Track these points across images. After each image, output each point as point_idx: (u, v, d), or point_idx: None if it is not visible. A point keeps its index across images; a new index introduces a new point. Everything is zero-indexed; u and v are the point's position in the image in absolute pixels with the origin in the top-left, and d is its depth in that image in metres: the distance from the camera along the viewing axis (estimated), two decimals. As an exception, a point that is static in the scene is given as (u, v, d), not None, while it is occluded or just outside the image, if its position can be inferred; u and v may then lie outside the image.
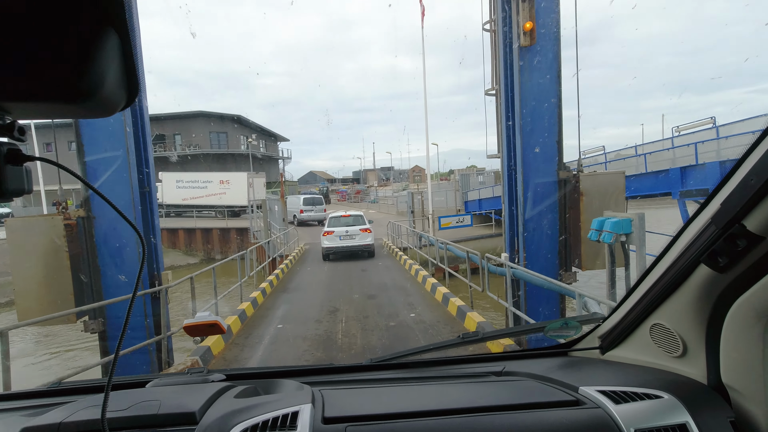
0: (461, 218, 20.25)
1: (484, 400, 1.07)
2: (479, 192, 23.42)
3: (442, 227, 19.69)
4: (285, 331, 6.99)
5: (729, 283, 0.89)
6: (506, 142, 6.31)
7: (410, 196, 21.89)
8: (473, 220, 20.30)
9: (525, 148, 5.83)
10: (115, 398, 1.03)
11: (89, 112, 0.53)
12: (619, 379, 1.13)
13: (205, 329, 1.42)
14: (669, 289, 1.03)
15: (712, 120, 14.36)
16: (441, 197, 25.81)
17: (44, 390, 1.37)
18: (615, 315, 1.29)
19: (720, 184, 0.85)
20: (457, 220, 20.13)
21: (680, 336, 1.06)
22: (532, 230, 6.18)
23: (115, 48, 0.49)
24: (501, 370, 1.37)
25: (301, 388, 1.15)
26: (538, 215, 6.08)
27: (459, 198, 25.39)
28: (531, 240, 6.21)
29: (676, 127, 16.58)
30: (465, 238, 19.07)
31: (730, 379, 0.96)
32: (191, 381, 1.27)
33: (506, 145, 6.32)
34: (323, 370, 1.47)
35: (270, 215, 20.64)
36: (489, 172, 26.30)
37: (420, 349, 1.51)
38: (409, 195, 22.10)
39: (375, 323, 7.15)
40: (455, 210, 25.33)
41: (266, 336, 6.77)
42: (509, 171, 6.34)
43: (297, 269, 13.50)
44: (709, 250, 0.87)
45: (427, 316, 7.42)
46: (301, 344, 6.28)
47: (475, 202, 23.68)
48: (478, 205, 23.12)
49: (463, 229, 20.33)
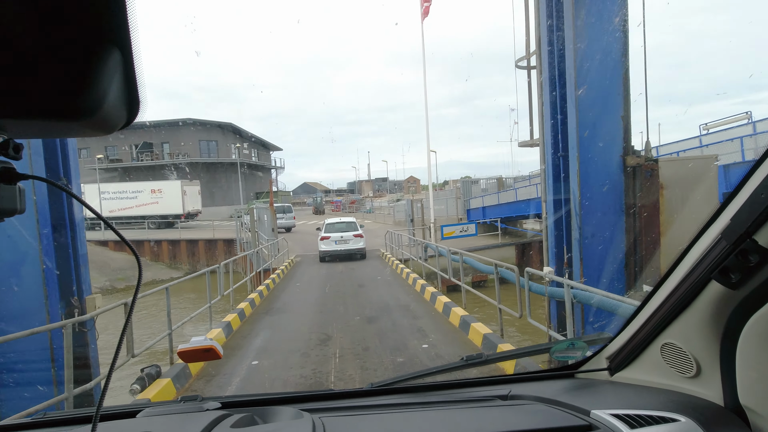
0: (465, 227, 18.76)
1: (492, 426, 1.03)
2: (483, 199, 21.94)
3: (444, 237, 18.22)
4: (260, 371, 5.36)
5: (742, 300, 0.85)
6: (550, 122, 4.80)
7: (410, 204, 20.36)
8: (477, 229, 18.83)
9: (581, 127, 4.30)
10: (103, 430, 0.96)
11: (88, 131, 0.51)
12: (632, 402, 1.08)
13: (200, 355, 1.34)
14: (679, 306, 0.99)
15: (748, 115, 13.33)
16: (441, 205, 24.32)
17: (28, 422, 1.30)
18: (623, 334, 1.24)
19: (728, 198, 0.83)
20: (460, 229, 18.65)
21: (693, 355, 1.01)
22: (590, 236, 4.65)
23: (116, 66, 0.47)
24: (507, 393, 1.32)
25: (300, 416, 1.11)
26: (600, 215, 4.56)
27: (460, 206, 23.89)
28: (589, 249, 4.66)
29: (704, 125, 15.42)
30: (469, 248, 17.56)
31: (748, 401, 0.91)
32: (185, 410, 1.21)
33: (550, 126, 4.81)
34: (323, 396, 1.42)
35: (259, 226, 19.05)
36: (492, 179, 24.88)
37: (423, 373, 1.49)
38: (408, 203, 20.57)
39: (378, 358, 5.54)
40: (456, 219, 23.81)
41: (235, 378, 5.13)
42: (555, 160, 4.82)
43: (285, 285, 11.84)
44: (720, 267, 0.84)
45: (445, 347, 5.82)
46: (279, 390, 4.66)
47: (479, 210, 22.19)
48: (481, 213, 21.63)
49: (467, 239, 18.89)
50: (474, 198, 23.07)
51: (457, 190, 24.48)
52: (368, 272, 13.24)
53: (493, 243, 19.12)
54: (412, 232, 19.24)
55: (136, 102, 0.52)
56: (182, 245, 26.01)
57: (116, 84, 0.48)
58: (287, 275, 13.63)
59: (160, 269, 25.31)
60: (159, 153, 41.63)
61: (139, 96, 0.52)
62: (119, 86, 0.48)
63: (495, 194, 20.95)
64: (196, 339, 1.37)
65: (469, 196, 23.59)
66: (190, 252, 25.98)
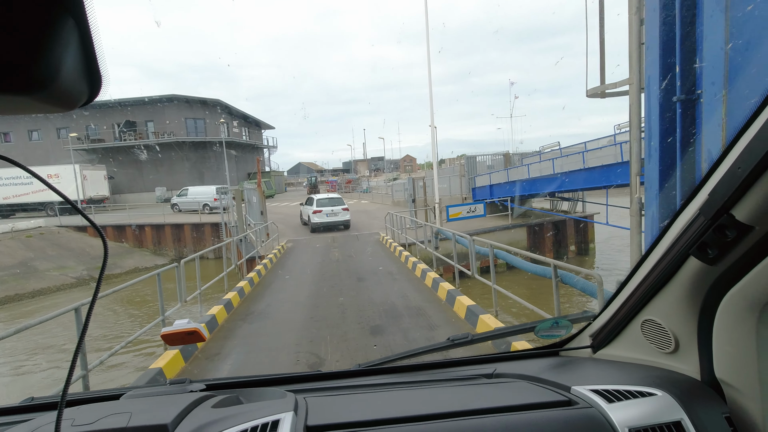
0: (472, 207, 17.12)
1: (475, 402, 1.03)
2: (490, 177, 20.19)
3: (450, 218, 16.59)
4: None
5: (719, 275, 0.87)
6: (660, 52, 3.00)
7: (411, 183, 18.62)
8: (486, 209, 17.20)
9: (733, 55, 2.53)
10: (84, 412, 0.97)
11: (45, 106, 0.47)
12: (611, 378, 1.10)
13: (183, 337, 1.32)
14: (659, 283, 1.01)
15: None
16: (443, 184, 22.54)
17: (15, 406, 1.29)
18: (605, 312, 1.26)
19: (707, 174, 0.83)
20: (467, 209, 17.01)
21: (672, 331, 1.04)
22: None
23: (72, 36, 0.45)
24: (492, 372, 1.34)
25: (283, 396, 1.09)
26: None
27: (465, 184, 22.15)
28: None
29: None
30: (476, 231, 15.95)
31: (723, 374, 0.94)
32: (169, 392, 1.20)
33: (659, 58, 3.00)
34: (310, 377, 1.41)
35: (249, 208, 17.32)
36: (498, 155, 23.06)
37: (409, 353, 1.51)
38: (409, 181, 18.82)
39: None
40: (460, 198, 22.11)
41: None
42: (666, 106, 3.00)
43: (271, 279, 10.18)
44: (698, 242, 0.85)
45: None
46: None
47: (485, 188, 20.48)
48: (489, 191, 19.93)
49: (472, 221, 17.27)
50: (480, 176, 21.30)
51: (461, 167, 22.66)
52: (368, 261, 11.59)
53: (502, 224, 17.49)
54: (414, 213, 17.60)
55: (97, 76, 0.49)
56: (167, 230, 24.34)
57: (72, 56, 0.45)
58: (276, 264, 11.98)
59: (143, 256, 23.65)
60: (143, 132, 39.35)
61: (100, 70, 0.49)
62: (76, 58, 0.46)
63: (504, 171, 19.19)
64: (179, 322, 1.33)
65: (474, 174, 21.82)
66: (175, 237, 24.34)
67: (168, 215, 25.55)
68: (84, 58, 0.47)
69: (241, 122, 47.36)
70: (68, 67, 0.45)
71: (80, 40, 0.46)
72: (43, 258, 20.44)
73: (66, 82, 0.45)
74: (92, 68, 0.48)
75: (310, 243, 15.65)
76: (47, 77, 0.43)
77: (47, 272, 19.37)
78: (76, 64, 0.46)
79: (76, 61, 0.46)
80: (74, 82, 0.47)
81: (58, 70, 0.44)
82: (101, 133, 39.11)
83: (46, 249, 21.34)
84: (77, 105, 0.50)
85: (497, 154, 23.13)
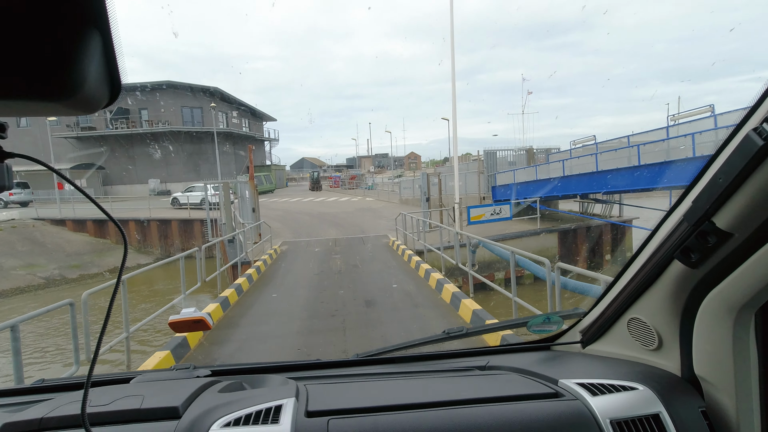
0: (497, 209, 14.84)
1: (467, 393, 1.07)
2: (514, 174, 17.85)
3: (471, 221, 14.31)
4: None
5: (701, 278, 0.92)
6: None
7: (425, 179, 16.32)
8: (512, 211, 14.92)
9: None
10: (98, 394, 1.01)
11: (70, 110, 0.52)
12: (597, 372, 1.15)
13: (190, 325, 1.34)
14: (645, 284, 1.05)
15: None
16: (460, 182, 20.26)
17: (27, 387, 1.34)
18: (595, 310, 1.31)
19: (693, 182, 0.87)
20: (491, 211, 14.74)
21: (656, 329, 1.08)
22: None
23: (97, 47, 0.48)
24: (485, 364, 1.38)
25: (285, 383, 1.14)
26: None
27: (483, 182, 19.81)
28: None
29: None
30: (500, 235, 13.69)
31: (702, 371, 0.99)
32: (176, 377, 1.25)
33: None
34: (310, 365, 1.45)
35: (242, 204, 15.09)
36: (520, 151, 20.71)
37: (405, 345, 1.52)
38: (423, 177, 16.53)
39: None
40: (478, 198, 19.79)
41: None
42: None
43: (256, 295, 7.92)
44: (681, 246, 0.90)
45: None
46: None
47: (507, 187, 18.16)
48: (511, 191, 17.60)
49: (495, 224, 15.01)
50: (502, 173, 18.95)
51: (479, 163, 20.30)
52: (377, 274, 9.32)
53: (530, 229, 15.19)
54: (429, 215, 15.32)
55: (117, 82, 0.52)
56: (153, 226, 22.17)
57: (96, 65, 0.48)
58: (264, 275, 9.72)
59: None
60: (136, 120, 37.12)
61: (119, 76, 0.52)
62: (100, 67, 0.49)
63: (532, 168, 16.86)
64: (186, 311, 1.35)
65: (494, 171, 19.48)
66: (161, 234, 22.21)
67: (155, 209, 23.35)
68: (107, 67, 0.50)
69: (240, 112, 45.07)
70: (93, 75, 0.48)
71: (104, 51, 0.49)
72: (11, 254, 18.26)
73: (90, 89, 0.48)
74: (113, 75, 0.51)
75: (308, 246, 13.40)
76: (75, 85, 0.46)
77: (11, 271, 17.18)
78: (100, 72, 0.49)
79: (100, 70, 0.49)
80: (97, 88, 0.50)
81: (85, 79, 0.47)
82: (93, 121, 36.91)
83: (16, 244, 19.15)
84: (98, 108, 0.53)
85: (520, 149, 20.77)
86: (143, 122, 37.16)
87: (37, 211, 23.28)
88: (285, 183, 52.97)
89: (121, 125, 36.09)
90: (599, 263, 15.72)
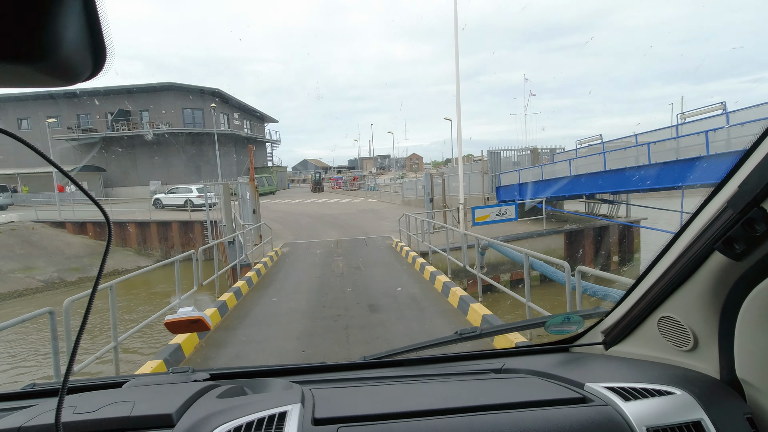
0: (502, 210, 14.55)
1: (485, 398, 0.99)
2: (519, 174, 17.55)
3: (476, 222, 14.02)
4: None
5: (745, 272, 0.84)
6: None
7: (428, 180, 16.05)
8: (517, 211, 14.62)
9: None
10: (86, 399, 0.95)
11: (48, 78, 0.45)
12: (626, 375, 1.06)
13: (188, 326, 1.27)
14: (679, 279, 0.97)
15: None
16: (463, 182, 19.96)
17: (16, 392, 1.25)
18: (619, 308, 1.22)
19: (736, 165, 0.79)
20: (497, 212, 14.46)
21: (691, 329, 1.00)
22: None
23: (75, 3, 0.43)
24: (501, 367, 1.30)
25: (290, 387, 1.07)
26: None
27: (488, 183, 19.51)
28: None
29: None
30: (505, 236, 13.38)
31: (745, 374, 0.90)
32: (172, 381, 1.18)
33: None
34: (315, 368, 1.37)
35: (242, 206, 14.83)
36: (524, 151, 20.40)
37: (416, 346, 1.45)
38: (426, 178, 16.27)
39: None
40: (482, 199, 19.48)
41: None
42: None
43: (256, 300, 7.64)
44: (724, 237, 0.81)
45: None
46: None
47: (512, 187, 17.86)
48: (517, 191, 17.31)
49: (499, 225, 14.72)
50: (506, 173, 18.64)
51: (483, 163, 20.00)
52: (380, 277, 9.03)
53: (536, 230, 14.89)
54: (433, 215, 15.03)
55: (102, 49, 0.46)
56: (153, 228, 21.92)
57: (75, 24, 0.43)
58: (264, 277, 9.45)
59: (126, 256, 21.23)
60: (137, 122, 36.94)
61: (105, 42, 0.46)
62: (79, 28, 0.44)
63: (538, 167, 16.54)
64: (183, 310, 1.29)
65: (498, 171, 19.17)
66: (162, 236, 21.96)
67: (155, 211, 23.12)
68: (88, 29, 0.44)
69: (242, 114, 44.90)
70: (71, 38, 0.42)
71: (84, 10, 0.43)
72: (9, 257, 18.04)
73: (68, 53, 0.43)
74: (97, 40, 0.45)
75: (309, 248, 13.12)
76: (48, 46, 0.41)
77: (10, 274, 16.96)
78: (80, 34, 0.43)
79: (80, 32, 0.43)
80: (77, 53, 0.44)
81: (61, 40, 0.41)
82: (94, 122, 36.78)
83: (15, 247, 18.94)
84: (80, 79, 0.47)
85: (524, 149, 20.46)
86: (144, 124, 36.99)
87: (37, 213, 23.06)
88: (286, 184, 52.75)
89: (122, 127, 35.92)
90: (607, 265, 15.39)
